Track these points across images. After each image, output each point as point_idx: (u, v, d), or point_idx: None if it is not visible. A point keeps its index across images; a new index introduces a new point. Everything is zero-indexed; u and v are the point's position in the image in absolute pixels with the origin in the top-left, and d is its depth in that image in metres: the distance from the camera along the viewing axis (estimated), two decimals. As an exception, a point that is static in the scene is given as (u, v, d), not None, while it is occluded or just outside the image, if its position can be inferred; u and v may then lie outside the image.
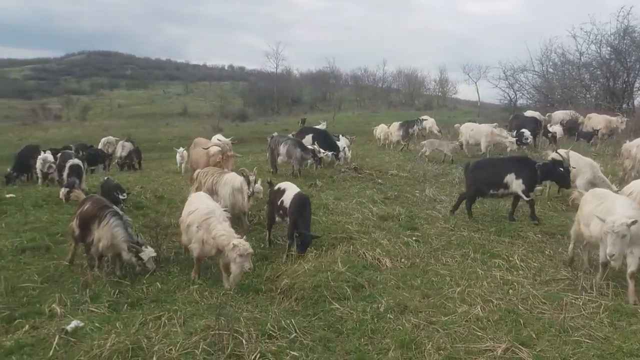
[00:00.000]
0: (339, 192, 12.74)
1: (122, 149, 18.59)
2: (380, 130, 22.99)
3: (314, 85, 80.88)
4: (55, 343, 5.33)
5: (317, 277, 7.12)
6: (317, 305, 6.54)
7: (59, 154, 14.16)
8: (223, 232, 6.94)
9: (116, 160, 18.94)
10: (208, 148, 12.71)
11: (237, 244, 6.64)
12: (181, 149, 17.19)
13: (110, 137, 20.82)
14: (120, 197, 10.23)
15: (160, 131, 43.29)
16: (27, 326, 5.87)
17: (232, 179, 9.60)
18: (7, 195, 11.70)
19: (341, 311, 6.35)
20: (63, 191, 10.87)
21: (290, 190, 8.97)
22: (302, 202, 8.47)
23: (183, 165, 16.59)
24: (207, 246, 7.07)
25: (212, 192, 9.35)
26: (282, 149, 14.80)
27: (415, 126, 21.99)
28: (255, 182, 9.98)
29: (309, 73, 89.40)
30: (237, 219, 9.47)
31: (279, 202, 8.77)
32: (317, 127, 21.34)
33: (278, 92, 72.91)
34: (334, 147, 16.13)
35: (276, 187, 9.23)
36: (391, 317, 6.19)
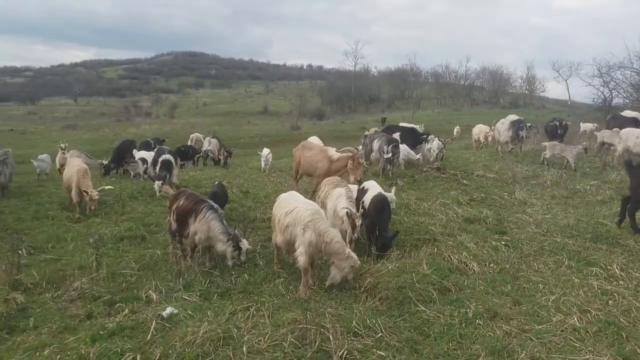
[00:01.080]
0: (421, 193, 12.49)
1: (209, 144, 19.38)
2: (478, 130, 21.65)
3: (392, 83, 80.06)
4: (152, 327, 5.62)
5: (401, 277, 7.01)
6: (402, 306, 6.43)
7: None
8: (339, 239, 6.80)
9: (202, 154, 19.70)
10: (333, 152, 11.28)
11: (352, 255, 6.67)
12: (266, 151, 17.03)
13: (197, 134, 21.79)
14: None
15: (243, 129, 44.70)
16: (126, 310, 6.24)
17: (337, 199, 8.23)
18: (106, 187, 12.54)
19: (427, 314, 6.20)
20: (158, 183, 11.35)
21: (371, 190, 8.90)
22: (381, 203, 8.36)
23: (267, 167, 16.47)
24: (315, 249, 6.79)
25: (323, 205, 8.41)
26: (375, 145, 14.75)
27: (525, 129, 18.58)
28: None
29: (387, 71, 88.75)
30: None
31: (361, 202, 8.72)
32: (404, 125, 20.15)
33: (355, 90, 72.93)
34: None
35: (361, 186, 9.21)
36: (480, 323, 5.97)
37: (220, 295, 6.78)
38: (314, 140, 14.61)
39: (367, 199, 8.60)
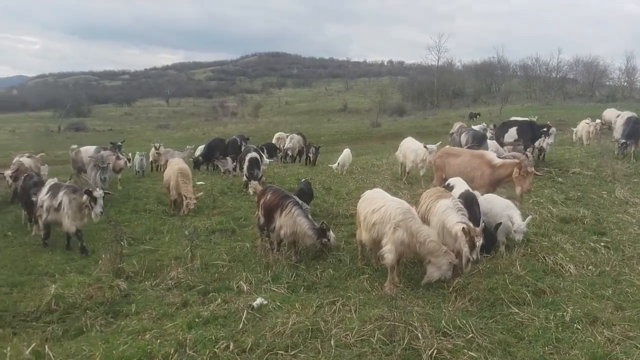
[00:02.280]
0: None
1: (289, 141, 19.67)
2: (582, 128, 19.73)
3: (478, 77, 77.19)
4: (244, 317, 5.83)
5: (492, 279, 6.74)
6: (494, 307, 6.18)
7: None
8: (434, 237, 6.56)
9: (282, 152, 20.06)
10: (492, 156, 9.86)
11: (449, 252, 6.51)
12: (346, 152, 16.23)
13: (281, 132, 22.30)
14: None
15: (323, 127, 45.19)
16: (219, 299, 6.52)
17: (444, 214, 7.08)
18: (198, 183, 13.18)
19: (521, 316, 5.91)
20: (253, 183, 11.13)
21: (458, 187, 8.61)
22: (470, 201, 8.05)
23: (345, 168, 15.83)
24: (406, 248, 6.57)
25: (424, 221, 7.23)
26: (463, 139, 14.32)
27: None
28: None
29: (472, 64, 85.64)
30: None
31: None
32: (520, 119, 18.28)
33: (438, 85, 71.12)
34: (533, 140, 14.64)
35: (446, 183, 8.95)
36: (579, 327, 5.61)
37: (306, 288, 6.89)
38: (410, 141, 13.95)
39: (454, 195, 8.32)
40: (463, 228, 6.54)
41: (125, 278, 7.50)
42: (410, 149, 13.41)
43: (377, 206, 6.95)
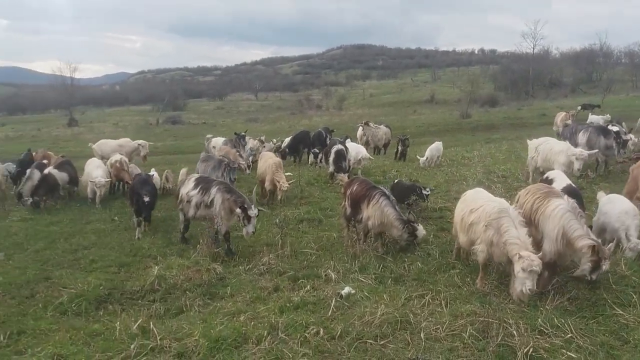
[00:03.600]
0: (617, 186, 11.04)
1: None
2: None
3: (577, 65, 71.91)
4: (332, 305, 5.92)
5: (594, 277, 6.30)
6: (596, 308, 5.77)
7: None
8: (517, 240, 5.83)
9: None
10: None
11: (523, 256, 5.58)
12: (436, 145, 15.63)
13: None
14: (425, 192, 9.80)
15: (409, 119, 44.48)
16: (308, 286, 6.68)
17: (563, 219, 6.07)
18: (286, 174, 13.49)
19: (626, 318, 5.49)
20: (340, 175, 11.41)
21: (558, 181, 8.13)
22: (575, 198, 7.53)
23: (434, 161, 15.30)
24: (497, 250, 6.00)
25: (530, 223, 6.42)
26: (582, 138, 12.44)
27: None
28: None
29: (571, 51, 79.75)
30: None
31: None
32: None
33: (534, 74, 67.11)
34: None
35: (545, 176, 8.49)
36: (691, 333, 5.10)
37: (394, 280, 6.85)
38: (554, 142, 11.52)
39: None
40: (593, 246, 5.72)
41: (221, 262, 7.91)
42: (555, 150, 11.07)
43: (476, 206, 6.50)
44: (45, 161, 14.99)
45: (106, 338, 5.49)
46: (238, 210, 8.01)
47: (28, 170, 13.53)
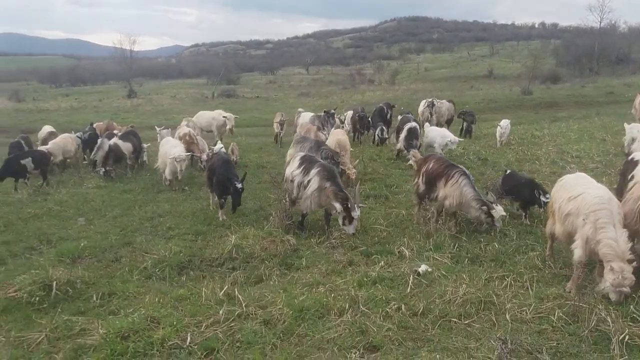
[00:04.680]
0: None
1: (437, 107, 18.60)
2: None
3: (648, 41, 67.37)
4: (410, 282, 5.92)
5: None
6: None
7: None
8: (613, 242, 5.15)
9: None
10: None
11: (615, 270, 5.01)
12: (504, 123, 15.01)
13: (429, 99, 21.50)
14: (544, 199, 7.91)
15: (466, 94, 43.10)
16: (382, 262, 6.69)
17: None
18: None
19: None
20: (413, 152, 10.83)
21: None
22: None
23: (504, 140, 14.72)
24: (595, 247, 5.34)
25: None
26: None
27: None
28: None
29: (640, 26, 74.84)
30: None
31: (629, 176, 7.58)
32: None
33: (599, 49, 63.41)
34: None
35: (630, 157, 8.04)
36: None
37: (470, 260, 6.76)
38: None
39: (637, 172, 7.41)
40: None
41: (293, 234, 8.02)
42: None
43: (575, 193, 5.81)
44: (115, 131, 15.61)
45: (193, 303, 5.71)
46: (338, 206, 7.44)
47: (99, 140, 14.13)
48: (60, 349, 4.82)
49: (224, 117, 16.70)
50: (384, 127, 15.49)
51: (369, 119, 17.00)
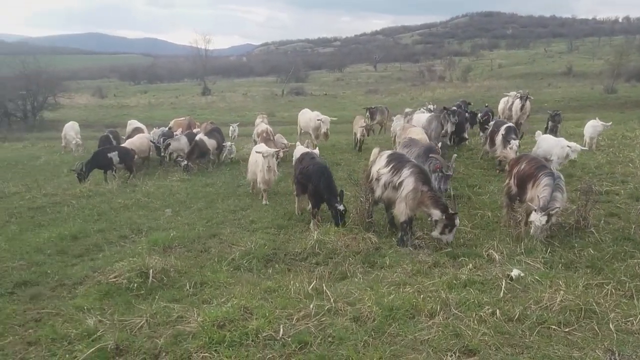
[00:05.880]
0: None
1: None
2: None
3: None
4: (503, 286, 5.73)
5: None
6: None
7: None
8: None
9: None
10: None
11: None
12: (595, 122, 13.95)
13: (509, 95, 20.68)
14: None
15: (543, 92, 41.16)
16: (470, 265, 6.52)
17: None
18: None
19: None
20: (507, 152, 10.44)
21: None
22: None
23: (594, 141, 13.68)
24: None
25: None
26: None
27: None
28: None
29: None
30: None
31: None
32: None
33: (694, 44, 58.52)
34: None
35: None
36: None
37: (564, 266, 6.46)
38: None
39: None
40: None
41: (373, 231, 7.99)
42: None
43: None
44: (196, 130, 16.20)
45: (282, 295, 5.82)
46: (438, 213, 7.08)
47: (177, 134, 15.02)
48: (161, 334, 5.06)
49: (318, 120, 15.09)
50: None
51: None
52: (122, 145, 14.83)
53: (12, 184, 13.30)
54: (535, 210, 7.03)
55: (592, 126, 13.57)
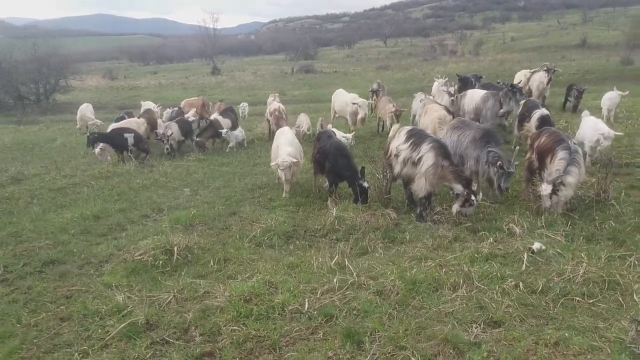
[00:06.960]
0: None
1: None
2: None
3: None
4: (525, 259, 5.76)
5: None
6: None
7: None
8: None
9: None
10: None
11: None
12: (612, 94, 13.49)
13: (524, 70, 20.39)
14: None
15: (559, 65, 40.06)
16: (490, 239, 6.54)
17: None
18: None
19: None
20: (526, 125, 10.31)
21: None
22: None
23: (612, 116, 13.19)
24: None
25: None
26: None
27: None
28: None
29: None
30: None
31: None
32: None
33: None
34: None
35: None
36: None
37: (585, 238, 6.46)
38: None
39: None
40: None
41: (392, 208, 8.03)
42: None
43: None
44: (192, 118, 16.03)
45: (305, 270, 5.91)
46: (460, 188, 7.05)
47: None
48: (189, 309, 5.18)
49: (354, 103, 13.75)
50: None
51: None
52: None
53: (32, 167, 13.47)
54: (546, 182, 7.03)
55: (610, 98, 13.29)
